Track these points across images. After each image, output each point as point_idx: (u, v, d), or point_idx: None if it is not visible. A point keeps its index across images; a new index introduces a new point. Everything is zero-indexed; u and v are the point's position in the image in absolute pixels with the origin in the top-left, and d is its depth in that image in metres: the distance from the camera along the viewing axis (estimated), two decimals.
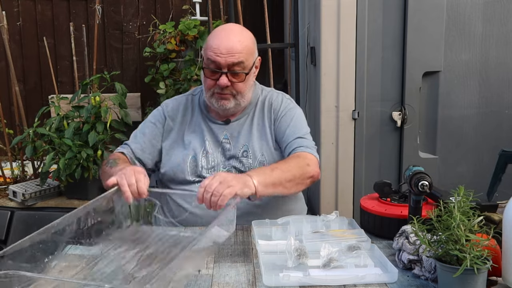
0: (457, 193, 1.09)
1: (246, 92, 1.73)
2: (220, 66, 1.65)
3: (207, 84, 1.71)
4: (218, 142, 1.78)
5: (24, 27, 4.04)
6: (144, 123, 1.87)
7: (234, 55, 1.64)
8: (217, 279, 1.21)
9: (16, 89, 3.15)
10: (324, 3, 2.39)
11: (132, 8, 4.10)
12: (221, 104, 1.71)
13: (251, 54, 1.71)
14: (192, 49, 3.78)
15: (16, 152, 3.16)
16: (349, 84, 2.45)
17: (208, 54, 1.67)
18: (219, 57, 1.64)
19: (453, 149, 2.50)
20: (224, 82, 1.66)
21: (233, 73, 1.67)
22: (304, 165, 1.64)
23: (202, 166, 1.74)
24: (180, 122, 1.83)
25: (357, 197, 2.47)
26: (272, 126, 1.79)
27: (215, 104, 1.72)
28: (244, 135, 1.78)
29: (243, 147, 1.76)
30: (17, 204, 2.88)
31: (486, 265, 1.03)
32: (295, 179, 1.61)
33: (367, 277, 1.18)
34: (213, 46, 1.66)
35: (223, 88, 1.68)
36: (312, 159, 1.69)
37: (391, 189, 1.57)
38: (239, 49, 1.65)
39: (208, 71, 1.69)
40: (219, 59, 1.64)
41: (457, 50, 2.43)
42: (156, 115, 1.86)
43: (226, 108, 1.72)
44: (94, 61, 3.29)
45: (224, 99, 1.70)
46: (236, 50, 1.65)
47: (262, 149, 1.76)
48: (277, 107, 1.81)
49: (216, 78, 1.67)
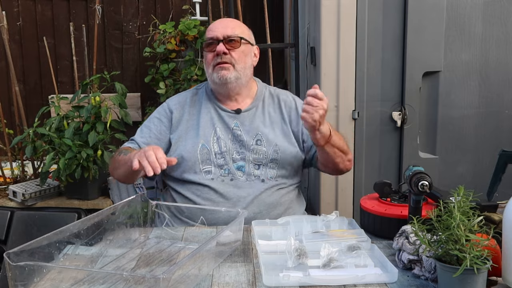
0: (457, 193, 1.09)
1: (245, 65, 1.83)
2: (217, 38, 1.80)
3: (207, 59, 1.83)
4: (229, 128, 1.82)
5: (24, 27, 4.04)
6: (150, 119, 1.89)
7: (229, 28, 1.82)
8: (217, 279, 1.21)
9: (16, 89, 3.15)
10: (324, 3, 2.40)
11: (132, 8, 4.09)
12: (221, 75, 1.79)
13: (245, 34, 1.86)
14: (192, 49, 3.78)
15: (16, 152, 3.16)
16: (349, 84, 2.45)
17: (207, 35, 1.84)
18: (215, 31, 1.81)
19: (453, 149, 2.50)
20: (221, 48, 1.79)
21: (229, 40, 1.80)
22: (347, 146, 1.80)
23: (216, 152, 1.77)
24: (188, 113, 1.86)
25: (357, 197, 2.47)
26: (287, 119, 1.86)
27: (216, 78, 1.80)
28: (256, 125, 1.82)
29: (256, 136, 1.80)
30: (17, 204, 2.87)
31: (486, 265, 1.03)
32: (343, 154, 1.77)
33: (367, 277, 1.18)
34: (210, 27, 1.84)
35: (222, 56, 1.78)
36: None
37: (391, 189, 1.57)
38: (233, 25, 1.84)
39: (206, 47, 1.82)
40: (215, 33, 1.81)
41: (457, 50, 2.43)
42: (160, 111, 1.90)
43: (227, 78, 1.79)
44: (94, 61, 3.28)
45: (224, 69, 1.79)
46: (230, 26, 1.84)
47: (276, 138, 1.81)
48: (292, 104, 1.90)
49: (214, 49, 1.80)
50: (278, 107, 1.87)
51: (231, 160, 1.76)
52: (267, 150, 1.78)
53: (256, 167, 1.77)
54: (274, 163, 1.78)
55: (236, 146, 1.79)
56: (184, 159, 1.77)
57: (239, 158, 1.77)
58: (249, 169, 1.76)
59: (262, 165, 1.77)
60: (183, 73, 3.71)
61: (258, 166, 1.77)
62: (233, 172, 1.76)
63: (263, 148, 1.78)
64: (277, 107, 1.87)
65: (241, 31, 1.84)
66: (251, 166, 1.76)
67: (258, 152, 1.77)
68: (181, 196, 1.78)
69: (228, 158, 1.76)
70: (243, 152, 1.78)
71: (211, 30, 1.83)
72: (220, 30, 1.80)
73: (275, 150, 1.78)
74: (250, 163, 1.77)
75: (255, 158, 1.77)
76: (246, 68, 1.83)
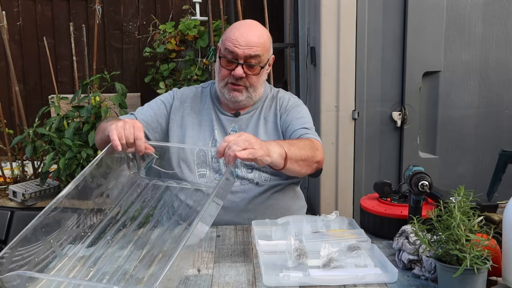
0: (457, 193, 1.09)
1: (258, 86, 1.77)
2: (237, 57, 1.70)
3: (222, 73, 1.74)
4: (226, 133, 1.80)
5: (24, 27, 4.04)
6: (154, 100, 1.88)
7: (252, 48, 1.69)
8: (217, 279, 1.21)
9: (16, 89, 3.15)
10: (324, 3, 2.40)
11: (132, 8, 4.10)
12: (232, 96, 1.74)
13: (267, 51, 1.75)
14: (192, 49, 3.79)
15: (16, 152, 3.16)
16: (349, 84, 2.45)
17: (226, 44, 1.71)
18: (237, 48, 1.69)
19: (453, 149, 2.50)
20: (239, 72, 1.70)
21: (248, 65, 1.71)
22: (314, 148, 1.67)
23: (212, 156, 1.75)
24: (189, 108, 1.84)
25: (357, 197, 2.47)
26: (278, 122, 1.82)
27: (227, 95, 1.75)
28: (251, 129, 1.80)
29: None
30: (17, 204, 2.87)
31: (486, 265, 1.03)
32: (307, 160, 1.63)
33: (367, 277, 1.18)
34: (232, 37, 1.71)
35: (237, 79, 1.72)
36: (319, 146, 1.72)
37: (391, 189, 1.57)
38: (257, 43, 1.71)
39: (224, 60, 1.72)
40: (237, 50, 1.69)
41: (457, 50, 2.43)
42: (166, 96, 1.88)
43: (237, 100, 1.75)
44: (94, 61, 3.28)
45: (237, 91, 1.74)
46: (254, 44, 1.70)
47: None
48: (285, 103, 1.85)
49: (231, 68, 1.71)
50: (274, 107, 1.84)
51: (224, 166, 1.74)
52: None
53: (249, 171, 1.74)
54: (266, 167, 1.75)
55: None
56: (181, 160, 1.76)
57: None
58: (241, 173, 1.74)
59: (254, 168, 1.75)
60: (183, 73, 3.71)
61: (251, 169, 1.75)
62: None
63: None
64: (274, 107, 1.84)
65: (263, 50, 1.72)
66: (244, 170, 1.74)
67: None
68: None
69: (222, 164, 1.74)
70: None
71: (232, 41, 1.69)
72: (243, 48, 1.68)
73: None
74: (243, 167, 1.75)
75: (247, 162, 1.74)
76: (259, 87, 1.78)
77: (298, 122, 1.78)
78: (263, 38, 1.74)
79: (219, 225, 1.61)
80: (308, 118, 1.84)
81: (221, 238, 1.50)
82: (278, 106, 1.84)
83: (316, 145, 1.69)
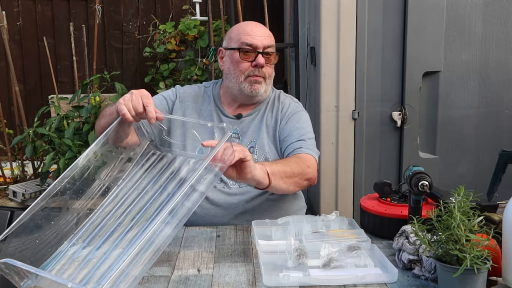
0: (457, 193, 1.09)
1: (272, 79, 1.82)
2: (257, 47, 1.74)
3: (242, 67, 1.75)
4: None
5: (24, 27, 4.04)
6: (155, 96, 1.86)
7: (267, 38, 1.77)
8: (217, 279, 1.21)
9: (16, 89, 3.15)
10: (324, 3, 2.40)
11: (132, 8, 4.10)
12: (254, 89, 1.76)
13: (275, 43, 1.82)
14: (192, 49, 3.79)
15: (16, 152, 3.16)
16: (349, 84, 2.45)
17: (243, 38, 1.75)
18: (255, 39, 1.74)
19: (453, 149, 2.50)
20: (262, 60, 1.73)
21: (266, 54, 1.75)
22: (304, 166, 1.65)
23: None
24: (190, 108, 1.83)
25: (357, 197, 2.47)
26: (277, 128, 1.80)
27: (247, 90, 1.76)
28: (252, 131, 1.79)
29: (250, 143, 1.78)
30: (17, 204, 2.87)
31: (486, 265, 1.03)
32: (294, 177, 1.61)
33: (367, 277, 1.18)
34: (247, 30, 1.76)
35: (259, 70, 1.75)
36: (312, 163, 1.70)
37: (391, 189, 1.57)
38: (269, 34, 1.80)
39: (243, 53, 1.75)
40: (255, 41, 1.74)
41: (457, 50, 2.43)
42: (168, 93, 1.88)
43: (258, 94, 1.77)
44: (94, 61, 3.29)
45: (258, 83, 1.76)
46: (267, 34, 1.78)
47: (268, 147, 1.78)
48: (285, 109, 1.84)
49: (251, 59, 1.74)
50: (275, 112, 1.83)
51: None
52: (258, 158, 1.74)
53: None
54: None
55: None
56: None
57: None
58: None
59: None
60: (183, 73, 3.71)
61: None
62: (225, 180, 1.73)
63: (254, 156, 1.74)
64: (275, 112, 1.83)
65: (273, 41, 1.79)
66: None
67: None
68: None
69: None
70: None
71: (249, 35, 1.74)
72: (261, 38, 1.74)
73: (265, 158, 1.75)
74: None
75: None
76: (272, 81, 1.82)
77: (296, 134, 1.76)
78: (270, 33, 1.81)
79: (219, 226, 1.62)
80: (307, 127, 1.82)
81: (221, 238, 1.50)
82: (279, 111, 1.83)
83: (307, 162, 1.67)
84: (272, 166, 1.55)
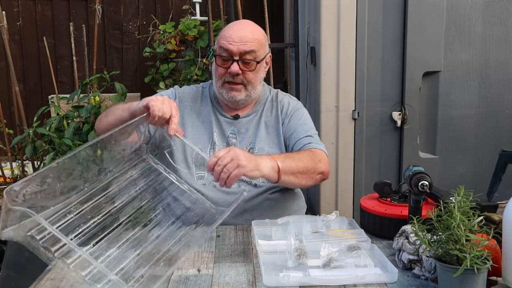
0: (457, 193, 1.09)
1: (256, 84, 1.76)
2: (232, 54, 1.69)
3: (218, 72, 1.73)
4: (224, 136, 1.79)
5: (24, 27, 4.04)
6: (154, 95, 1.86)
7: (246, 43, 1.69)
8: (217, 279, 1.21)
9: (16, 89, 3.15)
10: (324, 3, 2.40)
11: (132, 8, 4.10)
12: (231, 96, 1.73)
13: (262, 47, 1.74)
14: (192, 49, 3.79)
15: (16, 152, 3.16)
16: (349, 84, 2.45)
17: (221, 43, 1.71)
18: (231, 45, 1.68)
19: (453, 149, 2.50)
20: (235, 69, 1.69)
21: (244, 61, 1.70)
22: (316, 160, 1.66)
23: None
24: (189, 108, 1.83)
25: (357, 197, 2.47)
26: (280, 126, 1.80)
27: (225, 95, 1.74)
28: (251, 132, 1.79)
29: (250, 144, 1.77)
30: None
31: (486, 265, 1.03)
32: (307, 172, 1.62)
33: (367, 277, 1.18)
34: (226, 35, 1.71)
35: (234, 77, 1.71)
36: (324, 157, 1.71)
37: (391, 189, 1.57)
38: (251, 39, 1.70)
39: (219, 59, 1.72)
40: (231, 47, 1.68)
41: (457, 50, 2.43)
42: (167, 93, 1.87)
43: (236, 99, 1.74)
44: (94, 61, 3.29)
45: (235, 90, 1.73)
46: (248, 39, 1.70)
47: (269, 146, 1.77)
48: (286, 107, 1.84)
49: (227, 66, 1.71)
50: (275, 111, 1.83)
51: None
52: None
53: None
54: None
55: None
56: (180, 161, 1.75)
57: None
58: None
59: None
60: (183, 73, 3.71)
61: None
62: None
63: None
64: (275, 111, 1.83)
65: (258, 45, 1.71)
66: None
67: None
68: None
69: None
70: None
71: (226, 39, 1.69)
72: (238, 44, 1.68)
73: None
74: None
75: None
76: (257, 85, 1.77)
77: (302, 129, 1.76)
78: (256, 34, 1.74)
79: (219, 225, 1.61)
80: (310, 123, 1.83)
81: (221, 238, 1.50)
82: (279, 110, 1.83)
83: (318, 156, 1.67)
84: (285, 161, 1.55)
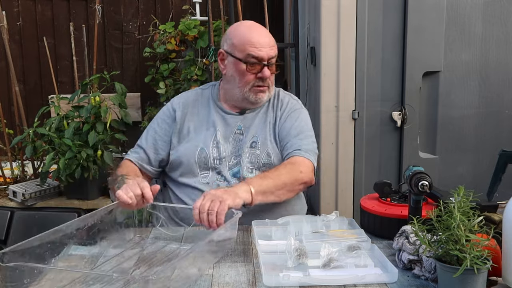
0: (457, 193, 1.09)
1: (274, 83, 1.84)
2: (263, 59, 1.74)
3: (247, 78, 1.76)
4: (232, 132, 1.80)
5: (24, 27, 4.04)
6: (155, 121, 1.88)
7: (272, 48, 1.76)
8: (217, 279, 1.21)
9: (16, 89, 3.15)
10: (324, 3, 2.40)
11: (132, 8, 4.10)
12: (259, 97, 1.78)
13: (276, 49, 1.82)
14: (192, 49, 3.78)
15: (16, 152, 3.16)
16: (349, 84, 2.45)
17: (249, 50, 1.73)
18: (261, 51, 1.73)
19: (453, 149, 2.50)
20: (268, 73, 1.75)
21: (270, 65, 1.76)
22: (297, 172, 1.66)
23: (214, 157, 1.75)
24: (190, 114, 1.84)
25: (357, 197, 2.47)
26: (277, 126, 1.82)
27: (252, 98, 1.78)
28: (255, 126, 1.81)
29: (252, 138, 1.79)
30: (17, 204, 2.87)
31: (486, 265, 1.03)
32: (286, 187, 1.63)
33: (367, 277, 1.18)
34: (252, 41, 1.74)
35: (264, 80, 1.76)
36: (306, 165, 1.70)
37: (391, 189, 1.57)
38: (273, 43, 1.78)
39: (249, 65, 1.74)
40: (261, 54, 1.73)
41: (457, 50, 2.43)
42: (165, 111, 1.89)
43: (263, 100, 1.80)
44: (94, 61, 3.28)
45: (262, 92, 1.78)
46: (272, 44, 1.77)
47: (270, 143, 1.79)
48: (284, 107, 1.86)
49: (256, 71, 1.75)
50: (275, 109, 1.85)
51: (227, 168, 1.75)
52: (260, 153, 1.76)
53: (250, 171, 1.75)
54: (266, 167, 1.75)
55: (235, 151, 1.77)
56: (182, 162, 1.76)
57: (235, 163, 1.76)
58: (242, 173, 1.75)
59: (254, 168, 1.75)
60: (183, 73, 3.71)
61: (251, 170, 1.75)
62: (229, 179, 1.74)
63: (256, 151, 1.76)
64: (275, 109, 1.85)
65: (276, 49, 1.80)
66: (245, 169, 1.75)
67: (252, 155, 1.76)
68: (178, 198, 1.77)
69: (225, 165, 1.75)
70: (240, 155, 1.77)
71: (255, 46, 1.72)
72: (266, 50, 1.73)
73: (267, 153, 1.76)
74: (244, 166, 1.75)
75: (249, 161, 1.75)
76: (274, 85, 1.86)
77: (293, 133, 1.78)
78: (272, 37, 1.80)
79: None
80: (305, 125, 1.83)
81: None
82: (279, 109, 1.85)
83: (300, 167, 1.68)
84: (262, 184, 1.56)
